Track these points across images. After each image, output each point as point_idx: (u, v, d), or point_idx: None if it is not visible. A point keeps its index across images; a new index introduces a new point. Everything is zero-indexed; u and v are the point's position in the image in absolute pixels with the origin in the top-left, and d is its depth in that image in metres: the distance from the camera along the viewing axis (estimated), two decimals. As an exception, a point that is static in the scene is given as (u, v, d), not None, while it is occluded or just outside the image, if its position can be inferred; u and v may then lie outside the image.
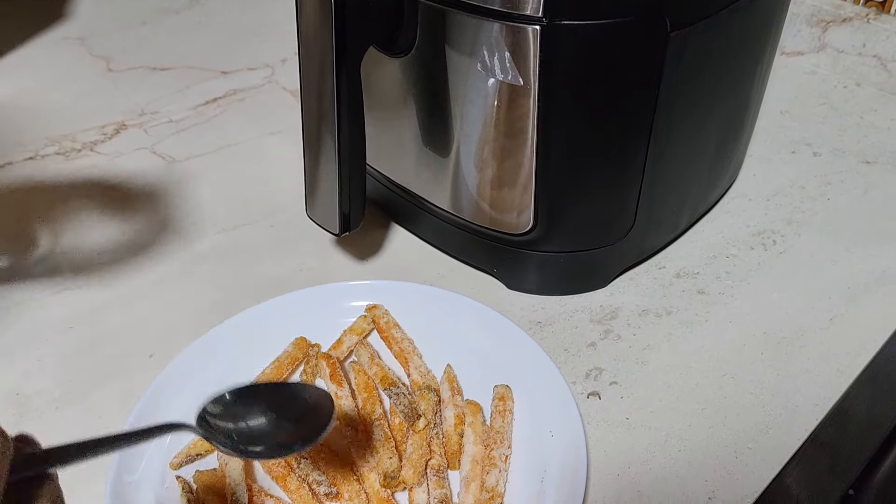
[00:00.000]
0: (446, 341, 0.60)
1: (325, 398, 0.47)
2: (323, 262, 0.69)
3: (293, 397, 0.48)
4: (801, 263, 0.68)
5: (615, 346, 0.61)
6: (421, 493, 0.51)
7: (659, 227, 0.65)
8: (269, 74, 0.94)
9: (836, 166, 0.78)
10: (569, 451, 0.52)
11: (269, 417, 0.45)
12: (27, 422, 0.57)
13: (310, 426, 0.45)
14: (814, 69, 0.91)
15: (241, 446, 0.43)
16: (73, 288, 0.67)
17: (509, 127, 0.55)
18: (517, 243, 0.62)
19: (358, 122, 0.58)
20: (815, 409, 0.56)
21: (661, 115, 0.55)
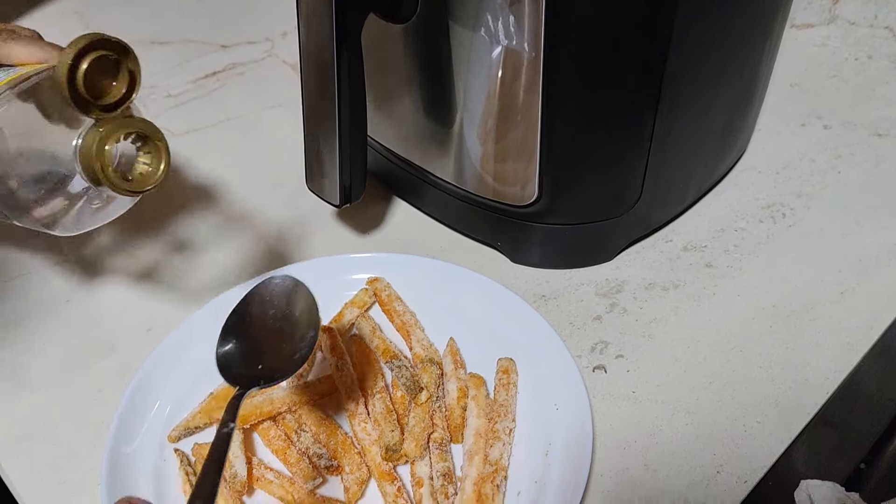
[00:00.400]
0: (449, 314, 0.59)
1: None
2: (324, 235, 0.68)
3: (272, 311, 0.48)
4: (811, 237, 0.66)
5: (621, 320, 0.60)
6: (423, 466, 0.50)
7: (666, 199, 0.64)
8: (269, 48, 0.93)
9: (847, 139, 0.76)
10: (574, 424, 0.51)
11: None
12: (25, 395, 0.56)
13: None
14: (824, 41, 0.89)
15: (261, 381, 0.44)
16: (70, 262, 0.66)
17: (514, 96, 0.54)
18: (521, 215, 0.61)
19: (359, 92, 0.57)
20: (825, 383, 0.55)
21: (670, 84, 0.53)
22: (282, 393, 0.53)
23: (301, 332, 0.46)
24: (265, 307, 0.48)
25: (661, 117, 0.55)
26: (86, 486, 0.51)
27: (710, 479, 0.50)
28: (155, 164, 0.43)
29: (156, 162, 0.44)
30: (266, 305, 0.48)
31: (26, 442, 0.53)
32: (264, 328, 0.47)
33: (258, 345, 0.46)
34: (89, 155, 0.41)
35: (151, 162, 0.43)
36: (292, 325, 0.47)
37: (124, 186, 0.42)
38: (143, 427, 0.52)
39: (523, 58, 0.51)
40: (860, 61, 0.86)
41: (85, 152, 0.41)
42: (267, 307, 0.48)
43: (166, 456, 0.51)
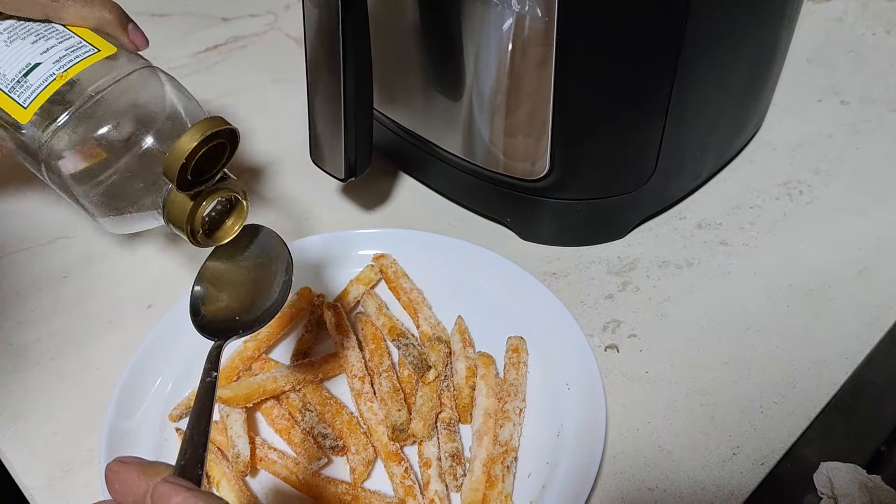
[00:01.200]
0: (457, 292, 0.57)
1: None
2: (328, 211, 0.66)
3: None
4: (828, 214, 0.65)
5: (634, 298, 0.59)
6: (431, 446, 0.49)
7: (681, 174, 0.62)
8: (271, 21, 0.91)
9: (865, 115, 0.74)
10: (587, 404, 0.49)
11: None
12: (22, 372, 0.54)
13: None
14: (841, 16, 0.87)
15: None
16: (67, 237, 0.65)
17: (527, 64, 0.52)
18: (532, 190, 0.59)
19: (365, 64, 0.55)
20: (844, 364, 0.54)
21: (688, 51, 0.51)
22: (286, 371, 0.52)
23: (275, 278, 0.45)
24: (235, 256, 0.46)
25: (678, 86, 0.53)
26: (84, 464, 0.49)
27: (727, 461, 0.49)
28: (237, 222, 0.44)
29: (238, 220, 0.44)
30: (235, 254, 0.46)
31: (24, 420, 0.52)
32: (236, 278, 0.45)
33: (231, 295, 0.45)
34: (179, 218, 0.41)
35: (234, 222, 0.44)
36: (266, 271, 0.45)
37: (204, 243, 0.43)
38: (144, 404, 0.50)
39: (536, 24, 0.49)
40: (878, 36, 0.84)
41: (174, 215, 0.41)
42: (237, 256, 0.46)
43: (167, 435, 0.50)
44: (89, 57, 0.44)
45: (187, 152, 0.38)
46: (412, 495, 0.46)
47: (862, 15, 0.86)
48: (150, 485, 0.31)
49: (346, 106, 0.55)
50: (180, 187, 0.39)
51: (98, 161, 0.42)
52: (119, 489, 0.32)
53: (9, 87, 0.44)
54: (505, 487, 0.46)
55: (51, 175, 0.44)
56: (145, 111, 0.43)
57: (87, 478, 0.49)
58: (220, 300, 0.44)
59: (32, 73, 0.43)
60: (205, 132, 0.38)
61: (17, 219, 0.66)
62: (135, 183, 0.42)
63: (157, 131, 0.42)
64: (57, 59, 0.44)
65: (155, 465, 0.32)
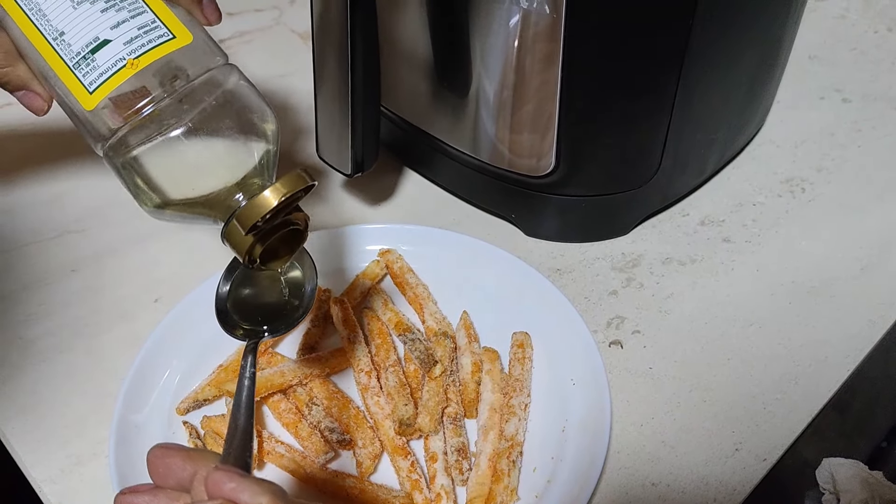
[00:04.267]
0: (462, 287, 0.58)
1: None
2: (333, 207, 0.67)
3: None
4: (831, 211, 0.65)
5: (638, 295, 0.59)
6: (437, 441, 0.49)
7: (685, 171, 0.62)
8: (276, 16, 0.91)
9: (867, 113, 0.75)
10: (592, 399, 0.50)
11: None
12: (31, 366, 0.55)
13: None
14: (843, 13, 0.87)
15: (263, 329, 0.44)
16: (75, 232, 0.65)
17: (533, 61, 0.52)
18: (537, 186, 0.60)
19: (372, 59, 0.55)
20: (845, 361, 0.54)
21: (694, 48, 0.52)
22: (293, 366, 0.52)
23: (301, 285, 0.45)
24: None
25: (684, 84, 0.53)
26: (93, 457, 0.50)
27: (729, 457, 0.49)
28: (292, 252, 0.43)
29: (294, 250, 0.43)
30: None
31: (32, 413, 0.52)
32: (263, 283, 0.46)
33: (259, 300, 0.46)
34: (238, 246, 0.40)
35: (289, 251, 0.43)
36: (290, 280, 0.46)
37: (255, 268, 0.42)
38: (153, 397, 0.51)
39: (543, 20, 0.49)
40: (880, 34, 0.85)
41: (234, 242, 0.40)
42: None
43: (175, 429, 0.50)
44: (164, 44, 0.40)
45: (266, 210, 0.38)
46: (418, 489, 0.47)
47: (864, 13, 0.86)
48: (195, 470, 0.31)
49: (354, 101, 0.55)
50: (248, 232, 0.39)
51: (171, 158, 0.40)
52: (163, 473, 0.32)
53: (73, 61, 0.40)
54: (510, 482, 0.46)
55: (110, 158, 0.41)
56: (227, 112, 0.41)
57: (95, 470, 0.49)
58: (245, 304, 0.45)
59: (101, 51, 0.40)
60: (288, 192, 0.38)
61: (26, 213, 0.66)
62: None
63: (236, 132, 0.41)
64: (128, 39, 0.40)
65: (201, 452, 0.32)
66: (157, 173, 0.40)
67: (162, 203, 0.40)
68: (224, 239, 0.40)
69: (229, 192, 0.39)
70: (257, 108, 0.42)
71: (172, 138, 0.39)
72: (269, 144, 0.42)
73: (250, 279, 0.46)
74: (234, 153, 0.40)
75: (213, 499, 0.30)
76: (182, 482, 0.32)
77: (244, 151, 0.40)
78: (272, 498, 0.29)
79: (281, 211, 0.39)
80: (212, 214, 0.40)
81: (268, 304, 0.45)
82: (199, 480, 0.31)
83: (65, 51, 0.40)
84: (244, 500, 0.29)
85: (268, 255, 0.42)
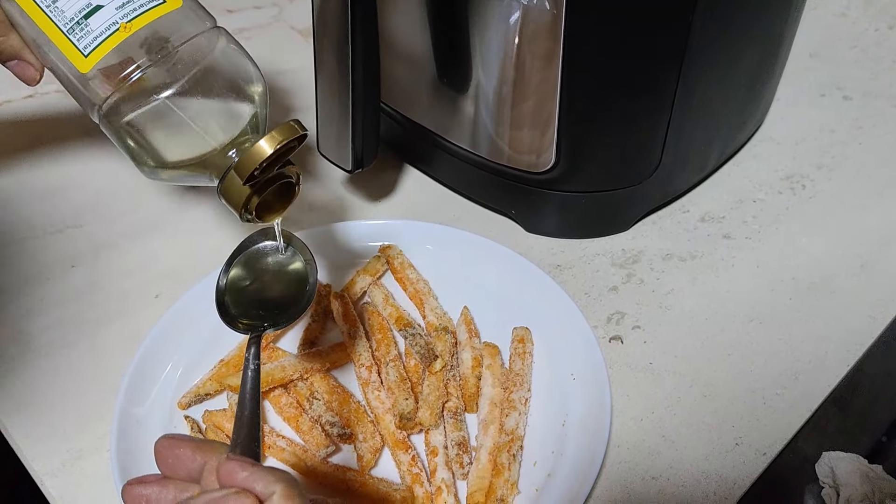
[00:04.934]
0: (463, 283, 0.58)
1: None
2: (334, 202, 0.67)
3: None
4: (831, 208, 0.65)
5: (638, 291, 0.59)
6: (438, 435, 0.49)
7: (685, 167, 0.62)
8: (276, 13, 0.91)
9: (868, 110, 0.75)
10: (592, 394, 0.50)
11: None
12: (32, 360, 0.55)
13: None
14: (844, 11, 0.88)
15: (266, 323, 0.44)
16: (76, 226, 0.65)
17: (533, 57, 0.52)
18: (537, 182, 0.60)
19: (373, 55, 0.55)
20: (846, 356, 0.54)
21: (694, 44, 0.52)
22: (293, 360, 0.52)
23: (302, 278, 0.46)
24: (262, 257, 0.47)
25: (684, 80, 0.53)
26: (94, 451, 0.50)
27: (729, 451, 0.49)
28: (286, 206, 0.44)
29: (286, 204, 0.44)
30: (262, 255, 0.47)
31: (33, 406, 0.52)
32: (264, 277, 0.47)
33: (260, 294, 0.46)
34: (235, 200, 0.41)
35: (283, 205, 0.44)
36: (291, 273, 0.46)
37: (251, 221, 0.42)
38: (154, 390, 0.51)
39: (543, 17, 0.50)
40: (881, 32, 0.85)
41: (230, 195, 0.41)
42: (263, 257, 0.47)
43: (176, 423, 0.50)
44: (155, 8, 0.42)
45: (263, 158, 0.38)
46: (419, 483, 0.47)
47: (865, 10, 0.87)
48: (205, 461, 0.31)
49: (355, 97, 0.55)
50: (245, 182, 0.39)
51: (163, 121, 0.41)
52: (172, 463, 0.32)
53: (68, 27, 0.41)
54: (511, 475, 0.46)
55: (106, 124, 0.42)
56: (215, 75, 0.42)
57: (96, 464, 0.49)
58: (246, 298, 0.45)
59: (94, 15, 0.41)
60: (283, 139, 0.39)
61: (26, 207, 0.66)
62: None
63: (225, 94, 0.42)
64: (120, 4, 0.41)
65: (210, 443, 0.32)
66: (151, 137, 0.41)
67: (158, 165, 0.41)
68: (220, 194, 0.41)
69: (223, 151, 0.41)
70: (245, 71, 0.43)
71: (162, 102, 0.40)
72: (258, 106, 0.43)
73: (251, 273, 0.46)
74: (225, 115, 0.42)
75: (225, 488, 0.30)
76: (191, 473, 0.32)
77: (235, 113, 0.42)
78: (285, 487, 0.29)
79: (276, 161, 0.40)
80: (207, 172, 0.41)
81: (269, 298, 0.46)
82: (210, 471, 0.31)
83: (58, 17, 0.41)
84: (258, 490, 0.29)
85: (262, 209, 0.43)
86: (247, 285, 0.46)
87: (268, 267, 0.46)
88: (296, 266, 0.46)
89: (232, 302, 0.45)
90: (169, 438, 0.32)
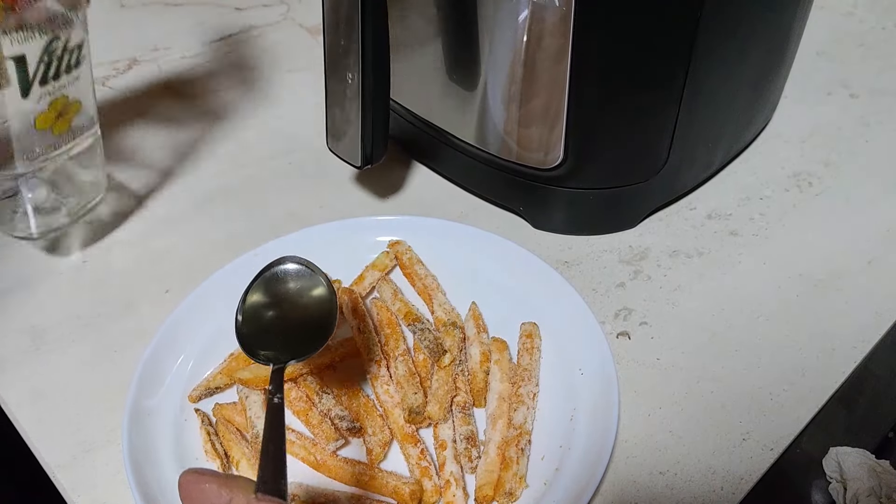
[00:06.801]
0: (471, 278, 0.58)
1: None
2: (342, 199, 0.67)
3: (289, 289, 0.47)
4: (838, 206, 0.65)
5: (645, 287, 0.59)
6: (446, 429, 0.49)
7: (692, 164, 0.63)
8: (284, 11, 0.91)
9: (875, 108, 0.75)
10: (600, 389, 0.50)
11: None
12: (44, 354, 0.55)
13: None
14: (851, 10, 0.88)
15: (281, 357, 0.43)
16: (86, 223, 0.65)
17: (542, 54, 0.52)
18: (545, 179, 0.60)
19: (383, 51, 0.56)
20: (853, 352, 0.55)
21: (702, 41, 0.52)
22: (303, 354, 0.52)
23: (323, 305, 0.46)
24: (281, 286, 0.47)
25: (692, 77, 0.54)
26: (106, 443, 0.50)
27: (736, 447, 0.49)
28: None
29: None
30: (282, 285, 0.47)
31: (45, 400, 0.53)
32: (284, 308, 0.46)
33: (281, 324, 0.46)
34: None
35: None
36: (312, 304, 0.46)
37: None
38: (166, 382, 0.51)
39: (552, 14, 0.50)
40: (887, 30, 0.85)
41: None
42: (283, 287, 0.47)
43: (187, 415, 0.51)
44: None
45: None
46: (428, 476, 0.47)
47: (872, 8, 0.87)
48: (231, 497, 0.31)
49: (364, 94, 0.56)
50: None
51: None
52: (197, 498, 0.32)
53: None
54: (519, 469, 0.47)
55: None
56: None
57: (107, 457, 0.50)
58: (267, 329, 0.45)
59: None
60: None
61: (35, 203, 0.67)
62: None
63: None
64: None
65: (235, 478, 0.32)
66: None
67: None
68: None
69: None
70: None
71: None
72: None
73: (270, 299, 0.46)
74: None
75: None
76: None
77: None
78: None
79: None
80: None
81: (290, 327, 0.46)
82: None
83: None
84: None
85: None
86: (266, 312, 0.46)
87: (287, 292, 0.46)
88: (318, 292, 0.46)
89: (251, 331, 0.45)
90: (193, 472, 0.32)
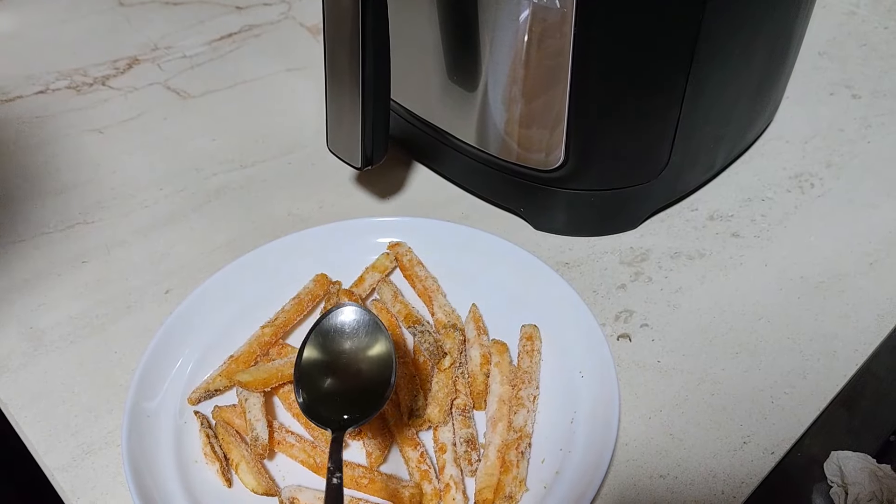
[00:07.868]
0: (471, 280, 0.58)
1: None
2: (343, 199, 0.67)
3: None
4: (840, 207, 0.65)
5: (646, 289, 0.59)
6: (446, 432, 0.49)
7: (693, 166, 0.62)
8: (285, 10, 0.91)
9: (877, 109, 0.75)
10: (600, 392, 0.50)
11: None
12: (43, 355, 0.55)
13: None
14: (853, 10, 0.87)
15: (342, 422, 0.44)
16: (86, 223, 0.65)
17: (543, 55, 0.52)
18: (546, 180, 0.60)
19: (383, 51, 0.55)
20: (854, 355, 0.54)
21: (704, 43, 0.52)
22: (303, 356, 0.52)
23: (381, 369, 0.46)
24: (341, 341, 0.47)
25: (694, 78, 0.53)
26: (105, 445, 0.50)
27: (737, 450, 0.49)
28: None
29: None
30: (342, 339, 0.47)
31: (44, 401, 0.53)
32: (345, 365, 0.46)
33: (342, 385, 0.46)
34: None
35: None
36: (371, 360, 0.46)
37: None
38: (165, 385, 0.51)
39: (553, 15, 0.50)
40: (890, 30, 0.84)
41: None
42: (343, 341, 0.47)
43: (187, 418, 0.50)
44: None
45: None
46: (428, 479, 0.47)
47: (874, 9, 0.86)
48: None
49: (365, 95, 0.55)
50: None
51: None
52: None
53: None
54: (519, 472, 0.47)
55: None
56: None
57: (107, 459, 0.49)
58: (330, 391, 0.45)
59: None
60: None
61: (37, 204, 0.67)
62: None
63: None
64: None
65: None
66: None
67: None
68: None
69: None
70: None
71: None
72: None
73: (327, 357, 0.46)
74: None
75: None
76: None
77: None
78: None
79: None
80: None
81: (349, 387, 0.46)
82: None
83: None
84: None
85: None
86: (325, 372, 0.46)
87: (344, 350, 0.46)
88: (378, 350, 0.46)
89: (307, 389, 0.45)
90: None
